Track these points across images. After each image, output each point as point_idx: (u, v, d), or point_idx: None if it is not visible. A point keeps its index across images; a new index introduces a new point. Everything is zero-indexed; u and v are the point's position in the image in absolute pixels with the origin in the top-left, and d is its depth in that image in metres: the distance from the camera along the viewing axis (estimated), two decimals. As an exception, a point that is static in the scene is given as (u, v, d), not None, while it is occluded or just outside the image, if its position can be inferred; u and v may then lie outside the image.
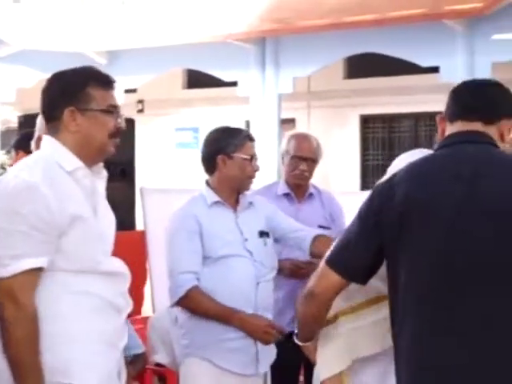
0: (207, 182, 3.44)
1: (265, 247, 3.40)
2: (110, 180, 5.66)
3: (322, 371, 2.76)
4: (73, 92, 2.37)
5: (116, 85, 2.61)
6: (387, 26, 12.65)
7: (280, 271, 3.83)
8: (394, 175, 2.47)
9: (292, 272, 3.89)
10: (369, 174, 15.17)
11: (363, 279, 2.48)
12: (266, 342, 3.28)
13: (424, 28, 12.49)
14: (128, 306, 2.38)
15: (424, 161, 2.48)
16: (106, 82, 2.47)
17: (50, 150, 2.34)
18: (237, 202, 3.41)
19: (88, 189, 2.34)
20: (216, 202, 3.35)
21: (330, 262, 2.44)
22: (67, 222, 2.21)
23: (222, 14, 14.64)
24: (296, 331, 2.70)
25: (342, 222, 4.17)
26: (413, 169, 2.45)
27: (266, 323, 3.25)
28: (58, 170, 2.29)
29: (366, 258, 2.41)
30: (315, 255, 3.39)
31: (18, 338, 2.12)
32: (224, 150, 3.36)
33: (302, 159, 4.06)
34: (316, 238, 3.49)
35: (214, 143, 3.43)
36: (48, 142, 2.37)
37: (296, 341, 2.70)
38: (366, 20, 12.74)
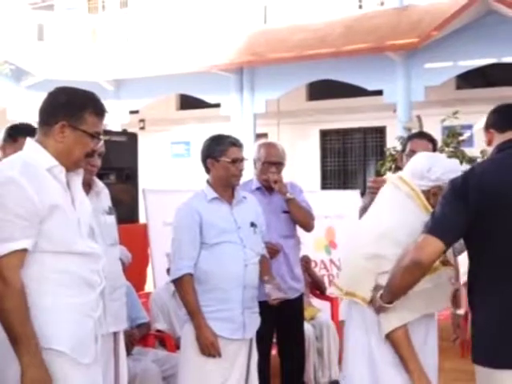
0: (208, 181, 3.41)
1: (254, 235, 3.36)
2: (118, 183, 5.69)
3: (392, 320, 2.75)
4: (72, 110, 2.26)
5: (122, 107, 2.51)
6: (341, 57, 12.68)
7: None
8: (473, 168, 2.58)
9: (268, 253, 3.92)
10: (327, 177, 15.22)
11: (454, 242, 2.56)
12: (204, 351, 3.19)
13: (370, 59, 12.53)
14: (102, 282, 2.28)
15: (497, 158, 2.58)
16: (101, 112, 2.33)
17: (31, 151, 2.26)
18: (232, 196, 3.38)
19: (64, 183, 2.25)
20: (214, 198, 3.32)
21: (433, 231, 2.45)
22: (46, 210, 2.15)
23: (208, 49, 14.63)
24: (380, 295, 2.71)
25: (303, 200, 4.18)
26: (490, 163, 2.61)
27: (212, 340, 3.18)
28: (36, 167, 2.21)
29: (458, 227, 2.45)
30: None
31: (7, 310, 2.07)
32: (212, 155, 3.36)
33: (272, 164, 4.05)
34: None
35: (205, 149, 3.41)
36: (30, 144, 2.28)
37: (380, 303, 2.71)
38: (324, 53, 12.77)
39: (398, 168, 3.66)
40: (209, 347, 3.17)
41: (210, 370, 3.20)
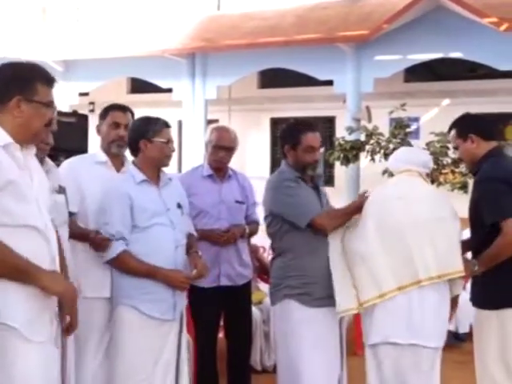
0: (133, 163, 3.40)
1: (181, 217, 3.38)
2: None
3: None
4: (23, 84, 2.25)
5: (71, 89, 2.51)
6: (293, 46, 12.74)
7: (207, 239, 3.89)
8: (499, 169, 3.20)
9: (215, 240, 3.94)
10: (277, 164, 15.23)
11: None
12: (182, 289, 3.32)
13: (322, 49, 12.61)
14: (54, 260, 2.30)
15: (506, 161, 3.31)
16: (51, 81, 2.32)
17: None
18: (158, 178, 3.37)
19: (21, 160, 2.25)
20: (143, 180, 3.30)
21: (509, 215, 3.06)
22: (2, 185, 2.16)
23: (160, 33, 14.48)
24: (483, 266, 3.15)
25: (253, 197, 4.23)
26: (505, 164, 3.27)
27: (182, 275, 3.27)
28: None
29: None
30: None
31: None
32: (145, 135, 3.32)
33: (223, 148, 4.03)
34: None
35: (137, 130, 3.37)
36: None
37: (476, 267, 3.17)
38: (276, 41, 12.80)
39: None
40: (184, 283, 3.27)
41: (143, 350, 3.22)
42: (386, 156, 9.50)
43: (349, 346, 3.83)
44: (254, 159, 13.98)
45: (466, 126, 3.33)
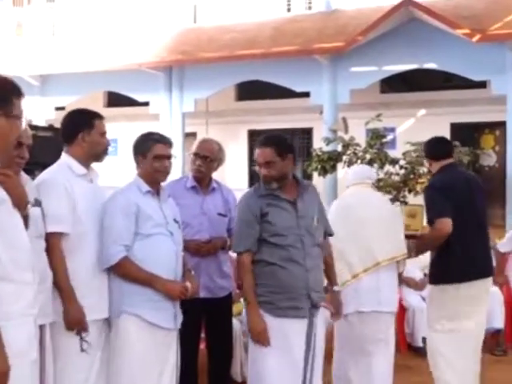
0: (139, 174, 3.42)
1: (178, 230, 3.44)
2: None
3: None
4: (3, 99, 2.22)
5: (47, 103, 2.49)
6: (270, 58, 12.83)
7: (186, 249, 3.88)
8: (446, 179, 4.26)
9: (196, 251, 3.96)
10: (255, 176, 15.29)
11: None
12: (178, 299, 3.34)
13: (298, 61, 12.72)
14: (35, 278, 2.28)
15: (451, 175, 4.29)
16: (22, 93, 2.30)
17: None
18: (157, 193, 3.42)
19: None
20: (148, 191, 3.36)
21: (440, 215, 4.08)
22: None
23: (137, 47, 14.50)
24: (415, 253, 4.46)
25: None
26: (449, 176, 4.27)
27: (180, 285, 3.32)
28: None
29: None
30: None
31: None
32: (140, 151, 3.40)
33: (200, 156, 4.07)
34: None
35: (135, 145, 3.47)
36: None
37: (413, 255, 4.44)
38: (252, 53, 12.88)
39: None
40: (182, 293, 3.32)
41: (148, 361, 3.23)
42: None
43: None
44: (232, 171, 14.00)
45: (425, 151, 4.58)
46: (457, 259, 4.16)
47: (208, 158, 4.11)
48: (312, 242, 3.49)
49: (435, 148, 4.44)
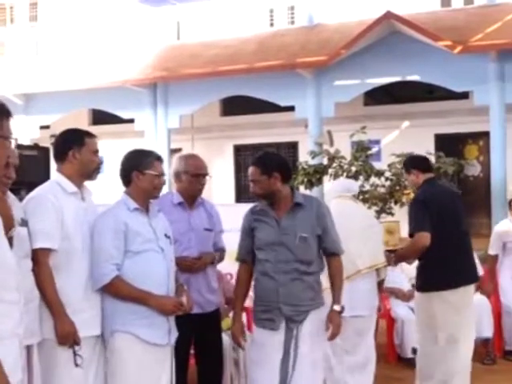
0: (127, 192, 3.43)
1: (170, 246, 3.45)
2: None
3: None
4: None
5: (32, 122, 2.47)
6: (254, 73, 12.89)
7: (178, 266, 3.88)
8: (429, 194, 4.52)
9: (186, 267, 3.96)
10: (241, 191, 15.35)
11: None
12: (172, 314, 3.36)
13: (282, 75, 12.78)
14: (21, 297, 2.25)
15: (434, 187, 4.63)
16: (11, 114, 2.30)
17: None
18: (147, 209, 3.43)
19: None
20: (136, 208, 3.36)
21: (420, 229, 4.34)
22: None
23: (121, 64, 14.53)
24: (394, 262, 4.74)
25: (220, 225, 4.25)
26: (433, 190, 4.56)
27: (174, 300, 3.34)
28: None
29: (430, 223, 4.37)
30: None
31: None
32: (138, 167, 3.39)
33: (202, 176, 4.08)
34: None
35: (131, 161, 3.44)
36: None
37: (392, 264, 4.75)
38: (236, 69, 12.94)
39: None
40: (176, 308, 3.34)
41: (144, 378, 3.23)
42: (349, 178, 9.61)
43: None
44: (218, 186, 14.01)
45: (409, 163, 4.76)
46: (442, 267, 4.38)
47: (206, 174, 4.13)
48: (290, 258, 3.59)
49: (423, 161, 4.77)
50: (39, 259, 3.05)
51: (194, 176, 4.07)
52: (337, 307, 3.69)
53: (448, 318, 4.38)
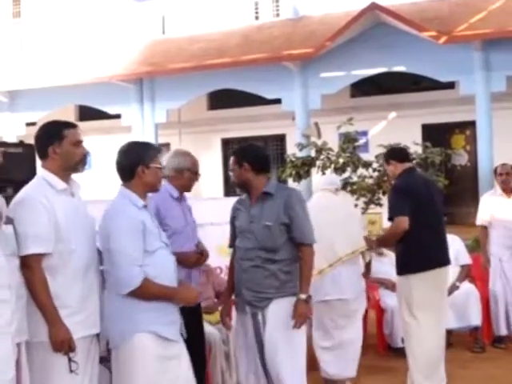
0: (129, 188, 3.29)
1: (167, 239, 3.40)
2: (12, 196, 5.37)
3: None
4: None
5: (17, 119, 2.46)
6: (240, 67, 12.87)
7: (183, 262, 3.85)
8: (407, 183, 4.78)
9: (192, 261, 3.96)
10: (230, 184, 15.33)
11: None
12: (193, 304, 3.40)
13: (268, 68, 12.78)
14: (12, 295, 2.25)
15: (413, 177, 4.89)
16: None
17: None
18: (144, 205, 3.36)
19: None
20: (144, 205, 3.28)
21: (399, 214, 4.60)
22: None
23: (106, 59, 14.46)
24: (376, 245, 5.19)
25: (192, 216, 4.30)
26: (411, 179, 4.83)
27: (195, 291, 3.40)
28: None
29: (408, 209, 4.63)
30: None
31: None
32: (143, 161, 3.28)
33: (197, 173, 4.17)
34: None
35: (135, 155, 3.31)
36: None
37: (374, 246, 5.22)
38: (222, 62, 12.92)
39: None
40: (197, 298, 3.42)
41: (164, 371, 3.19)
42: (337, 170, 9.64)
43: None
44: (206, 180, 14.00)
45: (388, 155, 5.09)
46: (418, 251, 4.68)
47: (198, 171, 4.19)
48: (255, 245, 3.76)
49: (401, 152, 5.15)
50: (32, 265, 2.95)
51: (193, 173, 4.16)
52: (302, 296, 3.72)
53: (424, 296, 4.64)
